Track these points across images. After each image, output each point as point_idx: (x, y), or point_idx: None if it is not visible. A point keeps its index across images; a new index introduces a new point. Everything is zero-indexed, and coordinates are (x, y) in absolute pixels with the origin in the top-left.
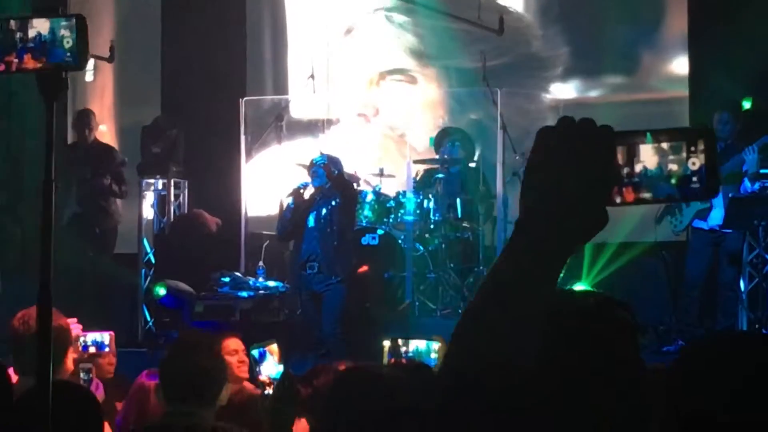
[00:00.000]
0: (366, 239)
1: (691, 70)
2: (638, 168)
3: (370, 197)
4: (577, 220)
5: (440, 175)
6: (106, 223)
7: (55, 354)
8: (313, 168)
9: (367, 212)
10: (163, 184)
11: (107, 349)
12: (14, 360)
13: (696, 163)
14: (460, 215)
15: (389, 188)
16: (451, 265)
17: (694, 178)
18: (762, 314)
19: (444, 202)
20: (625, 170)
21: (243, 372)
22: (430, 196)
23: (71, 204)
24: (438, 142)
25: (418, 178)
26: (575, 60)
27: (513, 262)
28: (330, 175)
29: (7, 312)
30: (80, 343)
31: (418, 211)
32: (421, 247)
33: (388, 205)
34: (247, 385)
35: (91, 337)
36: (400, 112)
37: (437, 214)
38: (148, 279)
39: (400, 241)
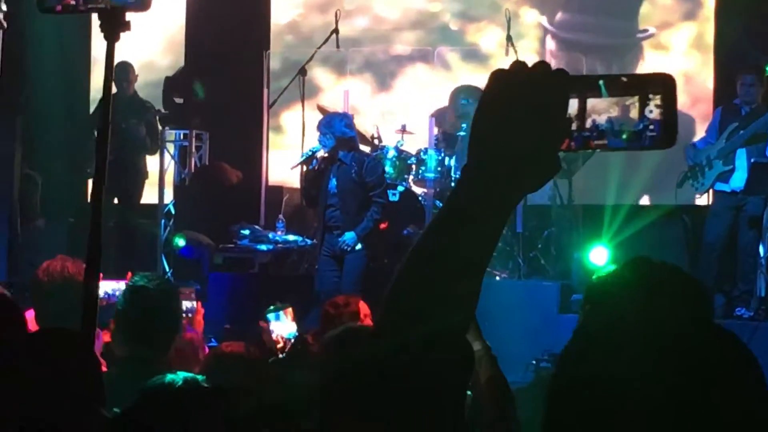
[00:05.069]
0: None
1: (717, 32)
2: (588, 122)
3: (391, 153)
4: (527, 167)
5: (461, 133)
6: (135, 174)
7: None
8: (320, 131)
9: (388, 169)
10: (185, 135)
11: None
12: (35, 310)
13: (653, 111)
14: None
15: (411, 145)
16: None
17: (651, 127)
18: None
19: (465, 159)
20: (576, 123)
21: None
22: (451, 153)
23: None
24: (452, 100)
25: (440, 136)
26: None
27: (457, 209)
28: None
29: (29, 258)
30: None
31: (439, 169)
32: (441, 205)
33: (409, 161)
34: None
35: (105, 286)
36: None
37: (458, 172)
38: (168, 230)
39: (420, 198)
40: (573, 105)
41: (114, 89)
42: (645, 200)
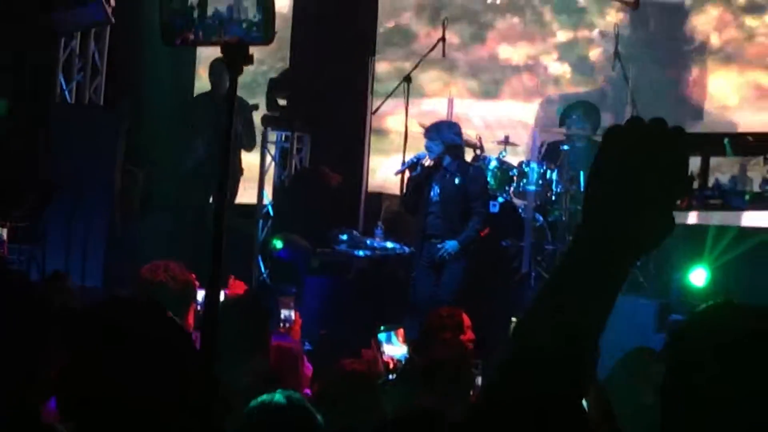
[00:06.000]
0: None
1: None
2: (711, 181)
3: (493, 164)
4: (644, 227)
5: (565, 147)
6: (232, 172)
7: (181, 307)
8: (428, 137)
9: (489, 179)
10: (287, 136)
11: None
12: None
13: None
14: (582, 188)
15: (513, 157)
16: (570, 237)
17: None
18: None
19: (567, 174)
20: (698, 182)
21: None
22: (554, 167)
23: (197, 148)
24: (564, 114)
25: (543, 150)
26: None
27: (574, 268)
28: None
29: (129, 255)
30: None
31: (540, 182)
32: (541, 218)
33: (510, 173)
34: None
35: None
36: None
37: (560, 186)
38: (265, 231)
39: (520, 211)
40: (695, 162)
41: (210, 87)
42: (749, 223)
